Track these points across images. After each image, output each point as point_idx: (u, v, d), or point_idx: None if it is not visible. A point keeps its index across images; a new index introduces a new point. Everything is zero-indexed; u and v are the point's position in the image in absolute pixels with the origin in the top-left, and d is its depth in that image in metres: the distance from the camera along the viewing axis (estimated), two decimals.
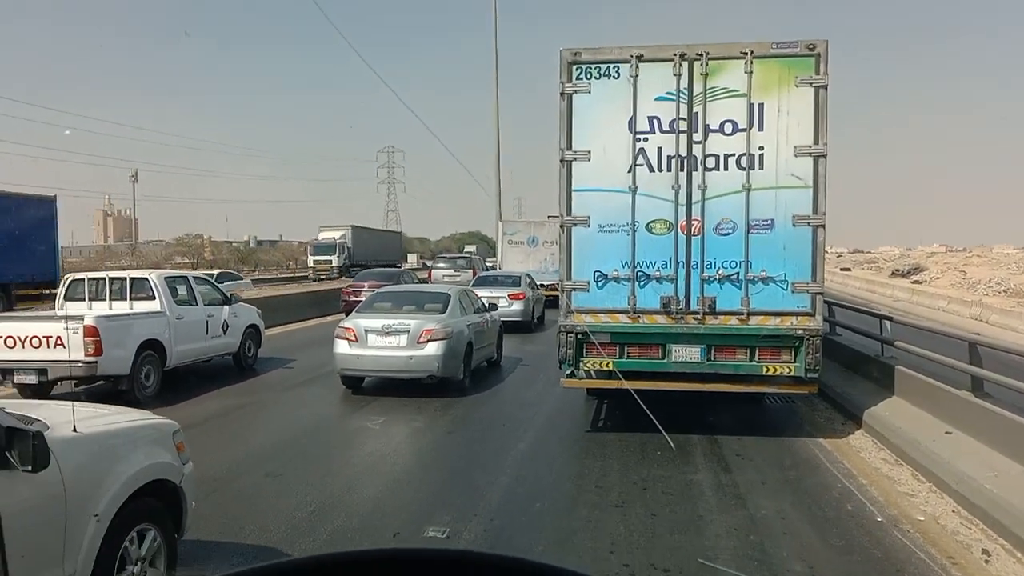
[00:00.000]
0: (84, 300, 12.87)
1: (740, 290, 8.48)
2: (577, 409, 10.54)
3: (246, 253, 77.73)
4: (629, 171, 8.56)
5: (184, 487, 4.68)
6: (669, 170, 8.55)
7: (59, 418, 3.96)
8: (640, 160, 8.56)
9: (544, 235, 28.79)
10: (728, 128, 8.47)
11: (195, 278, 14.30)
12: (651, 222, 8.58)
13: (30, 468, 3.30)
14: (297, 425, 9.94)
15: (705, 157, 8.48)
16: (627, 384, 8.62)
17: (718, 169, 8.48)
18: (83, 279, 13.30)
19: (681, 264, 8.56)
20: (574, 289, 8.75)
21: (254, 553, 5.44)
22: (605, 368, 8.95)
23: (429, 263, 50.52)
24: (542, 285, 23.77)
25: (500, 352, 14.66)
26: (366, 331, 11.53)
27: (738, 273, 8.49)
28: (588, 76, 8.63)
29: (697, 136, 8.50)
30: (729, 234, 8.48)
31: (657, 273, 8.60)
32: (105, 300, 12.81)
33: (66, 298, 12.98)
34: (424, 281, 28.36)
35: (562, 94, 8.65)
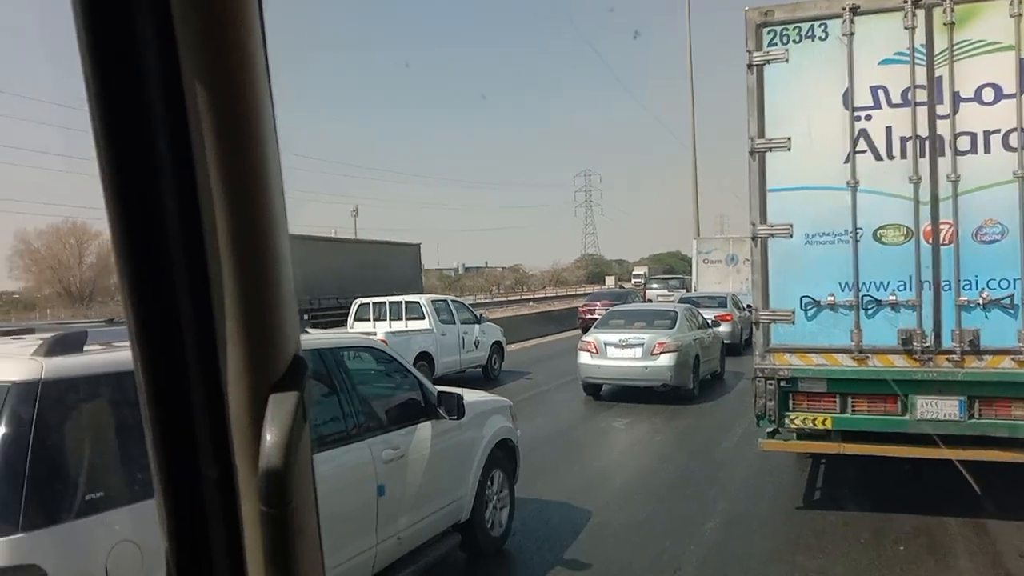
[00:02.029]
0: (369, 320, 15.61)
1: (1016, 319, 5.97)
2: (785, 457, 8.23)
3: (454, 280, 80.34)
4: (846, 161, 6.37)
5: (517, 447, 6.32)
6: (904, 156, 6.26)
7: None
8: (861, 145, 6.37)
9: (745, 252, 25.79)
10: (988, 95, 6.05)
11: (453, 301, 16.69)
12: (880, 228, 6.33)
13: (455, 417, 5.21)
14: (553, 424, 11.35)
15: (956, 136, 6.09)
16: (851, 449, 6.65)
17: (976, 152, 6.07)
18: (368, 303, 16.07)
19: (927, 285, 6.23)
20: (773, 320, 6.62)
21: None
22: (820, 426, 6.65)
23: (626, 285, 61.29)
24: (748, 306, 21.43)
25: (723, 366, 15.47)
26: (605, 344, 13.03)
27: (1012, 296, 6.00)
28: (784, 40, 6.56)
29: (942, 108, 6.14)
30: (996, 241, 6.03)
31: (892, 298, 6.30)
32: (386, 320, 15.48)
33: (355, 319, 15.87)
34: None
35: (750, 66, 6.62)
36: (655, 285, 37.46)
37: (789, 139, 6.53)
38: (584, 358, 13.24)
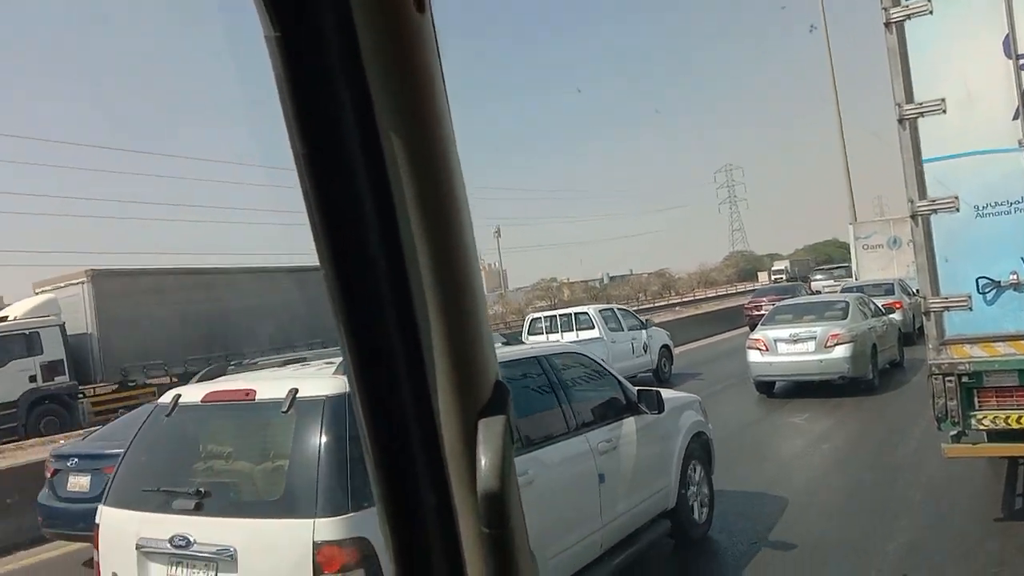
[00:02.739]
0: (543, 333, 16.34)
1: None
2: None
3: (599, 290, 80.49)
4: (1015, 117, 5.59)
5: (711, 439, 6.62)
6: None
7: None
8: None
9: (908, 234, 24.52)
10: None
11: (618, 309, 17.79)
12: None
13: (656, 412, 5.70)
14: (732, 422, 10.96)
15: None
16: None
17: None
18: (540, 317, 17.52)
19: None
20: (946, 308, 5.91)
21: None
22: (1015, 425, 5.79)
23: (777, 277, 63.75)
24: (916, 292, 20.28)
25: (902, 354, 15.13)
26: (775, 340, 12.89)
27: None
28: None
29: None
30: None
31: None
32: (557, 332, 16.25)
33: (528, 332, 16.49)
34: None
35: (887, 24, 5.97)
36: (819, 276, 36.69)
37: (943, 100, 5.81)
38: (754, 356, 13.15)
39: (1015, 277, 5.66)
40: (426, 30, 0.74)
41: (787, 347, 12.78)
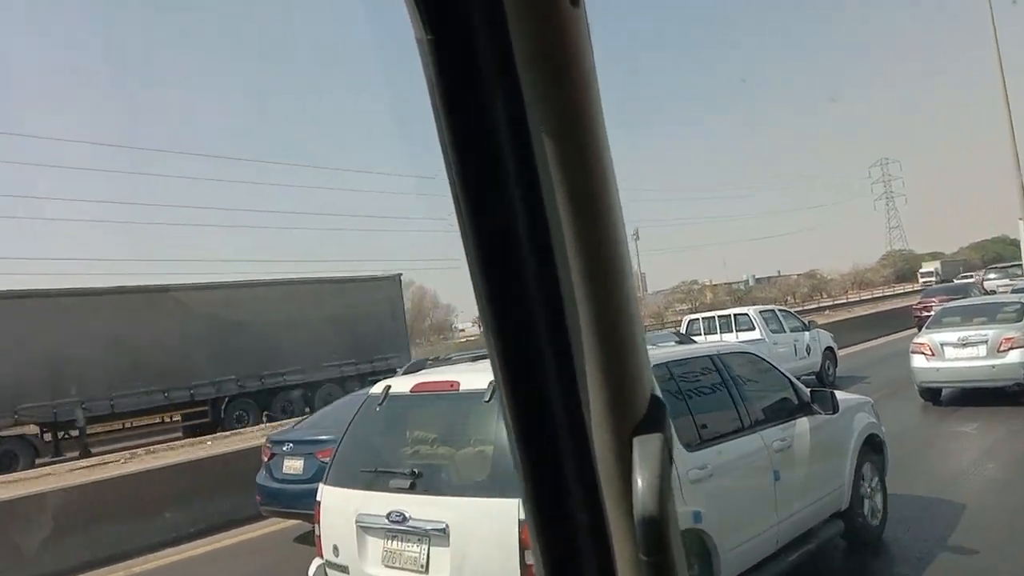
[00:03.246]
0: (701, 334, 16.11)
1: None
2: None
3: (744, 293, 78.28)
4: None
5: (884, 441, 6.57)
6: None
7: None
8: None
9: None
10: None
11: (780, 310, 17.55)
12: None
13: (831, 412, 5.67)
14: (897, 428, 10.33)
15: None
16: None
17: None
18: (698, 318, 17.49)
19: None
20: None
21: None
22: None
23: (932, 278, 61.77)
24: None
25: None
26: (942, 344, 12.18)
27: None
28: None
29: None
30: None
31: None
32: (716, 333, 16.05)
33: (686, 333, 16.25)
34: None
35: None
36: (993, 275, 35.38)
37: None
38: (918, 361, 12.49)
39: None
40: (580, 24, 0.70)
41: (955, 351, 12.07)
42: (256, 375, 21.47)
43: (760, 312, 16.47)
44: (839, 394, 6.25)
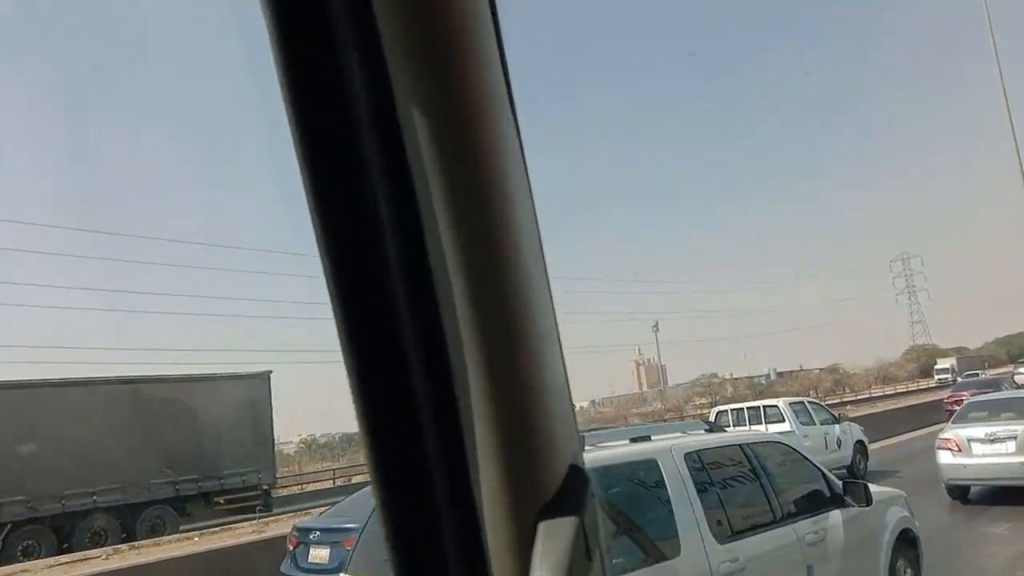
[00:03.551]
0: (730, 426, 15.46)
1: None
2: None
3: (765, 387, 77.41)
4: None
5: (919, 537, 6.43)
6: None
7: None
8: None
9: None
10: None
11: (809, 402, 17.37)
12: None
13: (864, 504, 5.64)
14: (924, 527, 10.25)
15: None
16: None
17: None
18: (727, 409, 17.57)
19: None
20: None
21: None
22: None
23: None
24: None
25: None
26: (968, 440, 11.84)
27: None
28: None
29: None
30: None
31: None
32: (745, 425, 15.93)
33: (715, 423, 16.09)
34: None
35: None
36: (1022, 371, 34.93)
37: None
38: (944, 457, 12.17)
39: None
40: (472, 4, 0.61)
41: (983, 447, 11.72)
42: (54, 496, 17.19)
43: (790, 404, 16.30)
44: (872, 487, 6.15)
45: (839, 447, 16.13)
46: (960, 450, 11.93)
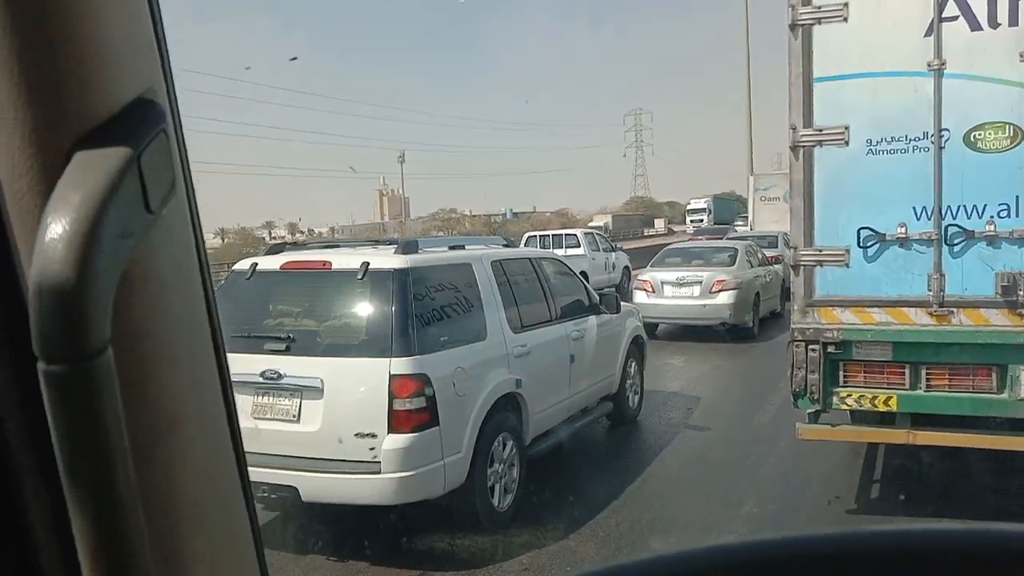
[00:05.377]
0: (537, 248, 17.91)
1: None
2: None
3: (499, 225, 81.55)
4: (928, 33, 4.69)
5: (646, 342, 8.25)
6: (1015, 22, 4.51)
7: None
8: (951, 9, 4.63)
9: None
10: None
11: (597, 234, 22.31)
12: (975, 129, 4.63)
13: (614, 312, 7.16)
14: None
15: None
16: (926, 439, 5.10)
17: None
18: (536, 235, 21.10)
19: None
20: (819, 262, 4.99)
21: None
22: (882, 407, 5.03)
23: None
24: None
25: (783, 304, 14.54)
26: (662, 283, 12.99)
27: None
28: None
29: None
30: None
31: (989, 228, 4.66)
32: (548, 248, 18.36)
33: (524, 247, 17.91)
34: None
35: None
36: (739, 223, 38.70)
37: (845, 5, 4.80)
38: (639, 297, 13.06)
39: (902, 230, 4.80)
40: None
41: (673, 290, 12.87)
42: None
43: (584, 234, 21.06)
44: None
45: (614, 270, 20.71)
46: (654, 291, 13.01)
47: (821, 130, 4.91)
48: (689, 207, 72.82)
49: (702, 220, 62.52)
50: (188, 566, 0.58)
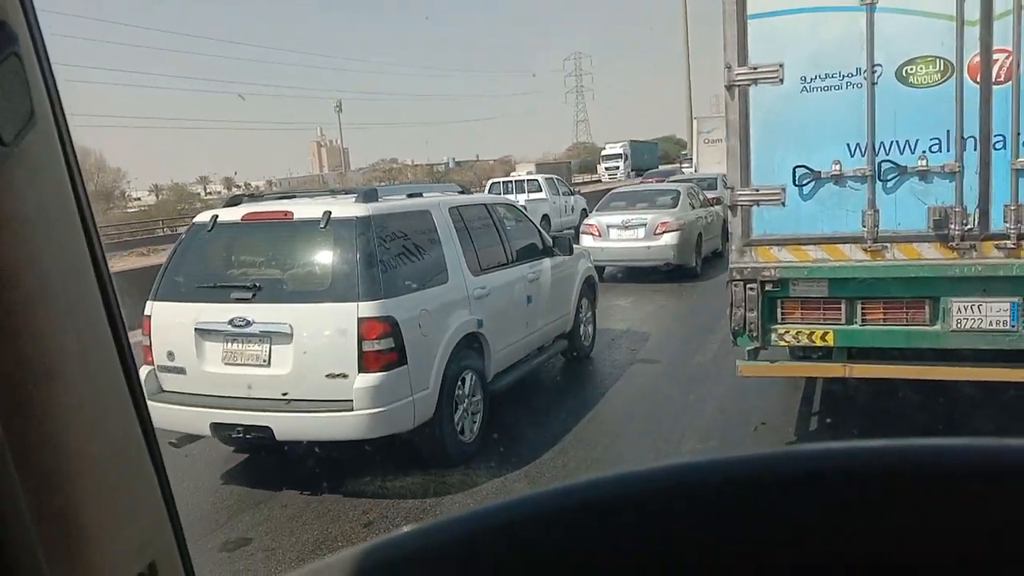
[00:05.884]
0: (501, 194, 18.84)
1: None
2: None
3: (442, 175, 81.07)
4: None
5: (597, 283, 8.58)
6: None
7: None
8: None
9: None
10: None
11: (557, 179, 23.48)
12: (907, 63, 4.64)
13: (568, 254, 7.57)
14: None
15: None
16: (862, 371, 5.27)
17: None
18: (499, 181, 22.69)
19: (971, 142, 4.59)
20: (755, 202, 5.01)
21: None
22: (819, 343, 5.16)
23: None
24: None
25: (724, 244, 14.60)
26: (608, 226, 13.24)
27: None
28: None
29: None
30: None
31: (921, 163, 4.70)
32: (512, 194, 19.83)
33: (488, 193, 18.73)
34: None
35: None
36: (687, 166, 37.80)
37: None
38: (586, 241, 13.17)
39: (837, 167, 4.82)
40: None
41: (618, 233, 13.09)
42: None
43: (546, 179, 22.56)
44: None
45: (572, 212, 22.12)
46: (600, 235, 13.19)
47: (756, 68, 4.85)
48: (604, 152, 67.19)
49: (617, 167, 60.07)
50: (78, 518, 0.55)
